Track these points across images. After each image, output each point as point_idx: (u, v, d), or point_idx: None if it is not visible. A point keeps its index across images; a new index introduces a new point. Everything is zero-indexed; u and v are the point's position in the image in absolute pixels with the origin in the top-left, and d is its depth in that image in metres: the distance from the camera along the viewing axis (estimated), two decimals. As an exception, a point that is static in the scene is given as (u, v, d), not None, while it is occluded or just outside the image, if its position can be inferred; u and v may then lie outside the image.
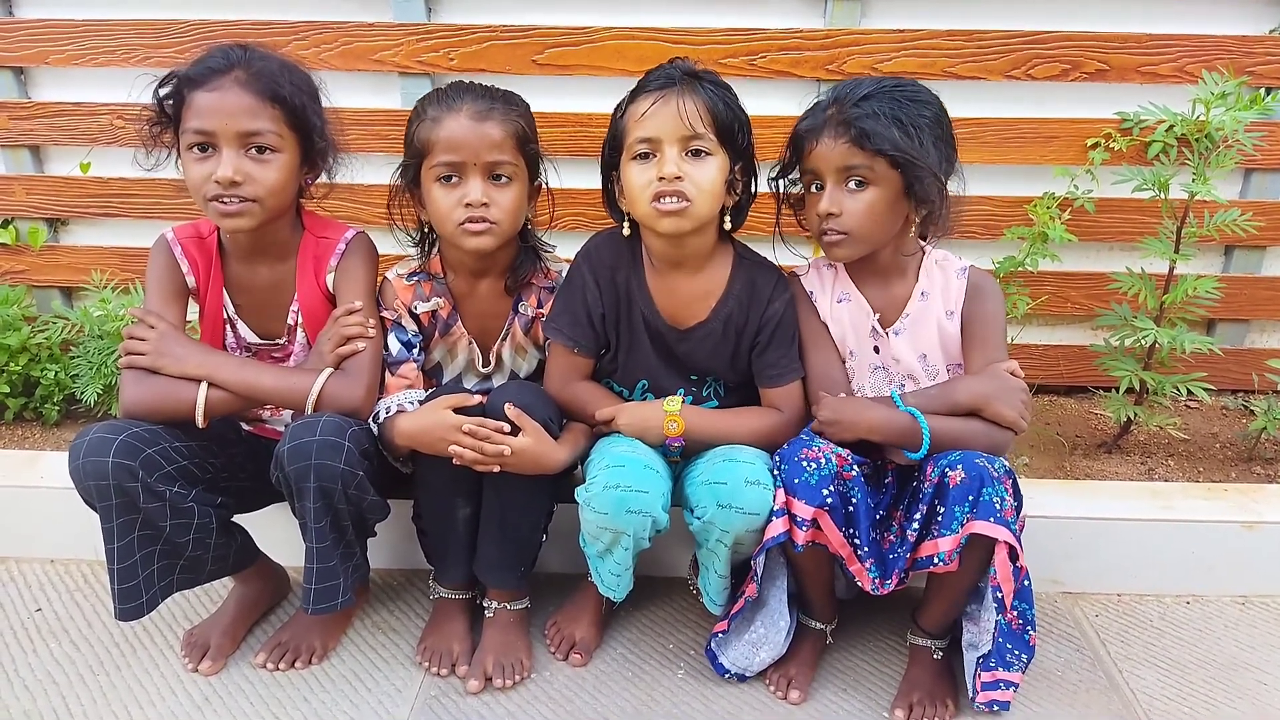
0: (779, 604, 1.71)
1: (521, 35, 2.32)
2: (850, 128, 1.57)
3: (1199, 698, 1.73)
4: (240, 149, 1.57)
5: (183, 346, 1.64)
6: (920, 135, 1.56)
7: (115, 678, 1.74)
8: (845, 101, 1.59)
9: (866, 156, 1.57)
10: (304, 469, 1.55)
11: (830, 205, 1.61)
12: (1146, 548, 1.96)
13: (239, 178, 1.56)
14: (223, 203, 1.58)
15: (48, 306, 2.57)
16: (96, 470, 1.51)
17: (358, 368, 1.67)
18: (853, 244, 1.64)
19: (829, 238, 1.64)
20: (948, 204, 1.61)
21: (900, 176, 1.58)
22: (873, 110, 1.56)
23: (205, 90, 1.56)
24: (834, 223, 1.61)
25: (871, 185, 1.59)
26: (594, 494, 1.59)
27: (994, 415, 1.59)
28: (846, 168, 1.59)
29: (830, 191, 1.61)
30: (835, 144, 1.59)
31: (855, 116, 1.57)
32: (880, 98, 1.57)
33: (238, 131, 1.56)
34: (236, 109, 1.56)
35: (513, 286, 1.81)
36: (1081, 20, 2.29)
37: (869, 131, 1.55)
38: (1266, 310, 2.52)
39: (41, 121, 2.46)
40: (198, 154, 1.58)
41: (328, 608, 1.66)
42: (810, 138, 1.62)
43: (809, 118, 1.65)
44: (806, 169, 1.66)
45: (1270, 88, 2.28)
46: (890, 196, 1.60)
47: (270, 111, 1.58)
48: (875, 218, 1.61)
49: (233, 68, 1.57)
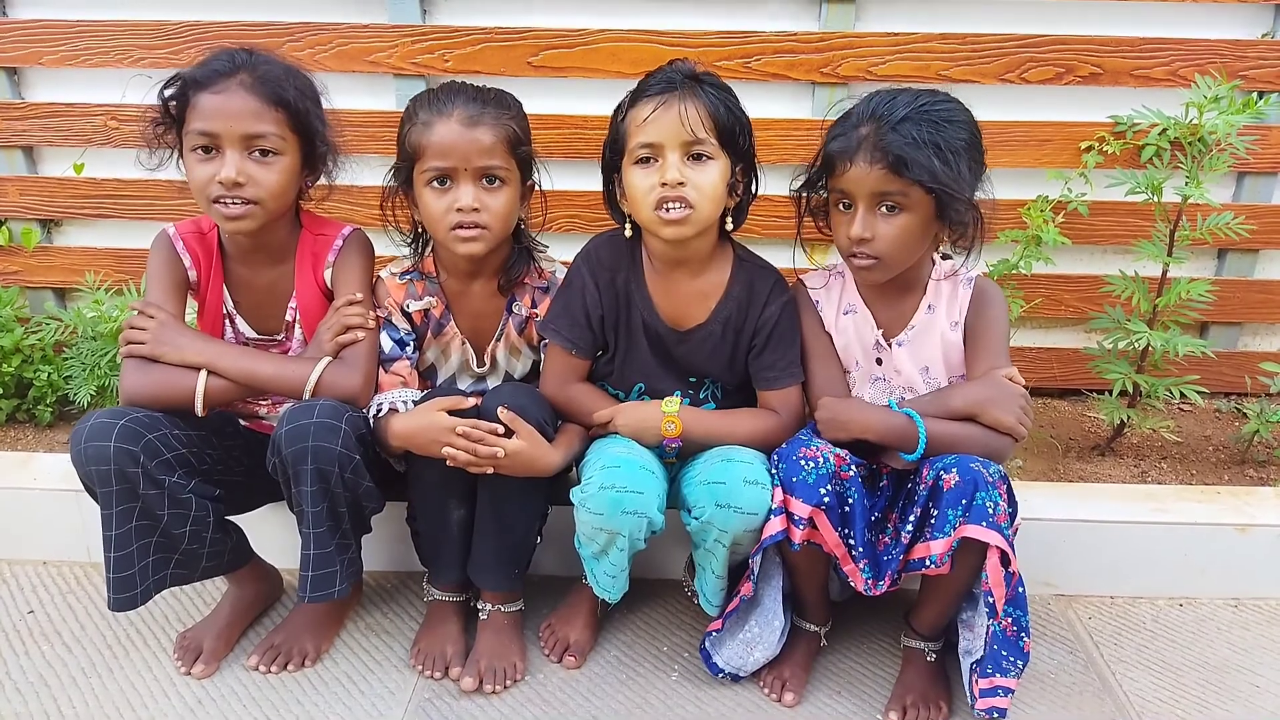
0: (774, 604, 1.71)
1: (516, 37, 2.32)
2: (888, 154, 1.52)
3: (1192, 700, 1.73)
4: (243, 151, 1.59)
5: (183, 335, 1.65)
6: (958, 161, 1.53)
7: (108, 680, 1.73)
8: (882, 123, 1.54)
9: (903, 184, 1.54)
10: (301, 451, 1.56)
11: (864, 230, 1.58)
12: (1140, 550, 1.97)
13: (242, 179, 1.58)
14: (225, 204, 1.59)
15: (41, 308, 2.57)
16: (99, 454, 1.51)
17: (356, 357, 1.69)
18: (884, 269, 1.62)
19: (859, 261, 1.62)
20: (983, 227, 1.60)
21: (934, 201, 1.55)
22: (912, 137, 1.51)
23: (210, 92, 1.57)
24: (866, 247, 1.59)
25: (905, 211, 1.57)
26: (589, 495, 1.59)
27: (991, 421, 1.59)
28: (881, 193, 1.56)
29: (863, 216, 1.58)
30: (871, 169, 1.54)
31: (894, 143, 1.52)
32: (919, 121, 1.52)
33: (242, 134, 1.57)
34: (241, 111, 1.57)
35: (506, 287, 1.81)
36: (1075, 24, 2.30)
37: (908, 160, 1.51)
38: (1259, 313, 2.53)
39: (35, 122, 2.45)
40: (201, 155, 1.59)
41: (324, 595, 1.65)
42: (843, 159, 1.57)
43: (841, 136, 1.59)
44: (837, 188, 1.62)
45: (1263, 91, 2.29)
46: (924, 221, 1.58)
47: (274, 115, 1.60)
48: (908, 243, 1.60)
49: (238, 71, 1.58)
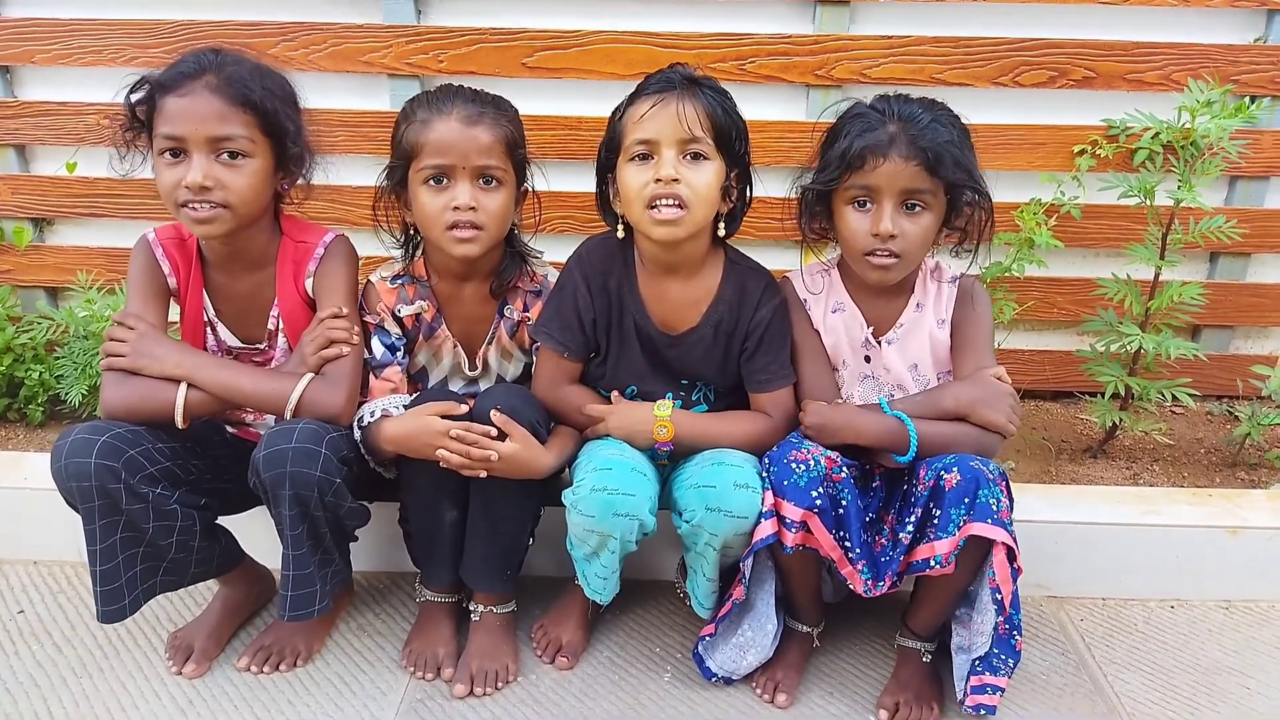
0: (766, 607, 1.71)
1: (511, 38, 2.31)
2: (924, 151, 1.53)
3: (1183, 702, 1.73)
4: (210, 154, 1.56)
5: (162, 347, 1.63)
6: (973, 167, 1.56)
7: (98, 680, 1.73)
8: (910, 122, 1.55)
9: (932, 182, 1.55)
10: (279, 476, 1.54)
11: (893, 226, 1.57)
12: (1131, 552, 1.97)
13: (209, 183, 1.55)
14: (193, 208, 1.56)
15: (33, 307, 2.55)
16: (79, 471, 1.50)
17: (339, 374, 1.66)
18: (902, 267, 1.62)
19: (880, 259, 1.61)
20: (992, 227, 1.62)
21: (946, 203, 1.57)
22: (943, 136, 1.54)
23: (175, 95, 1.55)
24: (891, 244, 1.59)
25: (927, 210, 1.58)
26: (581, 496, 1.59)
27: (980, 420, 1.60)
28: (910, 190, 1.56)
29: (891, 212, 1.57)
30: (906, 165, 1.54)
31: (929, 141, 1.53)
32: (943, 123, 1.55)
33: (208, 136, 1.55)
34: (206, 114, 1.54)
35: (498, 290, 1.80)
36: (1069, 28, 2.30)
37: (943, 157, 1.53)
38: (1250, 316, 2.54)
39: (27, 121, 2.44)
40: (169, 159, 1.57)
41: (303, 615, 1.65)
42: (875, 154, 1.56)
43: (868, 132, 1.57)
44: (857, 183, 1.59)
45: (1255, 96, 2.29)
46: (938, 222, 1.60)
47: (241, 117, 1.57)
48: (926, 242, 1.61)
49: (204, 72, 1.56)
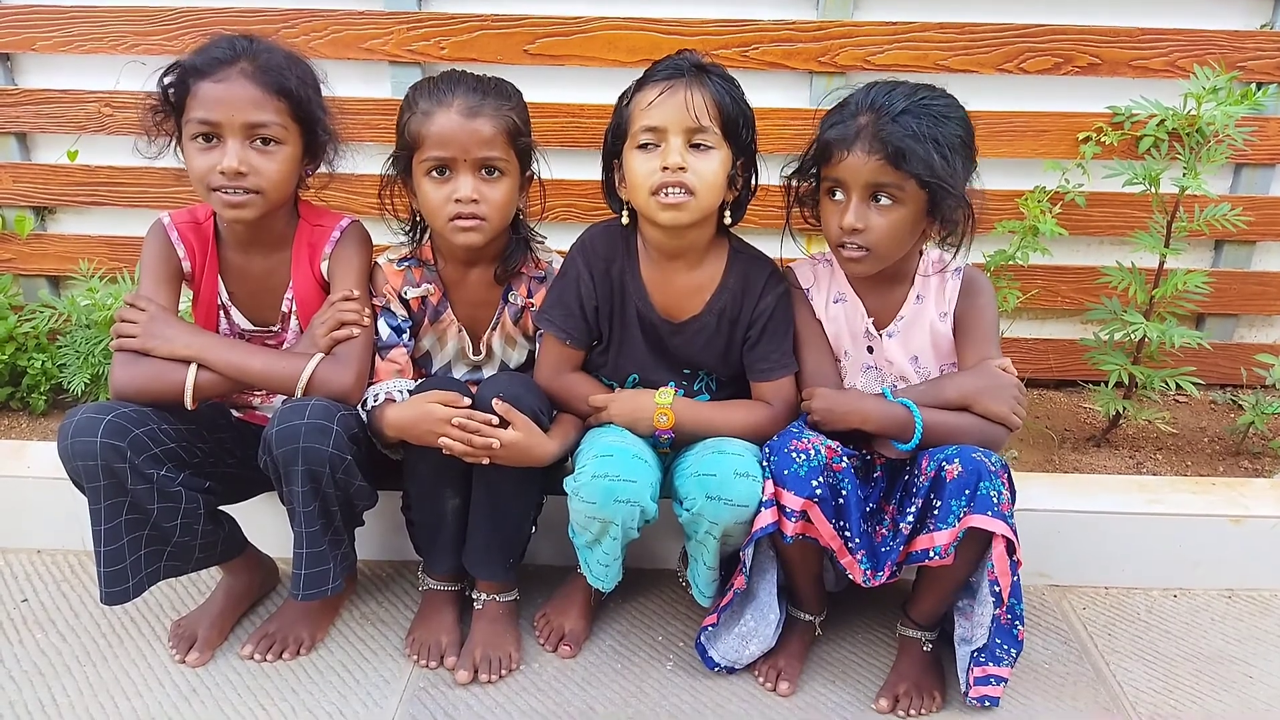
0: (768, 596, 1.71)
1: (513, 24, 2.30)
2: (887, 145, 1.51)
3: (1185, 690, 1.74)
4: (245, 140, 1.58)
5: (172, 328, 1.64)
6: (953, 157, 1.53)
7: (102, 668, 1.73)
8: (881, 113, 1.53)
9: (899, 176, 1.53)
10: (292, 452, 1.55)
11: (856, 220, 1.56)
12: (1134, 541, 1.97)
13: (244, 169, 1.57)
14: (226, 193, 1.58)
15: (34, 295, 2.55)
16: (85, 450, 1.50)
17: (349, 354, 1.67)
18: (873, 261, 1.61)
19: (849, 252, 1.60)
20: (973, 224, 1.60)
21: (926, 196, 1.55)
22: (911, 129, 1.51)
23: (211, 81, 1.56)
24: (857, 238, 1.58)
25: (898, 204, 1.56)
26: (582, 483, 1.59)
27: (985, 411, 1.60)
28: (876, 184, 1.55)
29: (855, 206, 1.57)
30: (868, 159, 1.53)
31: (893, 134, 1.51)
32: (918, 114, 1.52)
33: (243, 123, 1.56)
34: (242, 100, 1.56)
35: (503, 276, 1.80)
36: (1074, 14, 2.29)
37: (906, 152, 1.50)
38: (1255, 305, 2.53)
39: (28, 108, 2.43)
40: (202, 144, 1.58)
41: (318, 593, 1.65)
42: (840, 147, 1.56)
43: (838, 124, 1.58)
44: (829, 176, 1.60)
45: (1261, 83, 2.28)
46: (915, 215, 1.58)
47: (276, 104, 1.58)
48: (898, 236, 1.59)
49: (239, 59, 1.57)
